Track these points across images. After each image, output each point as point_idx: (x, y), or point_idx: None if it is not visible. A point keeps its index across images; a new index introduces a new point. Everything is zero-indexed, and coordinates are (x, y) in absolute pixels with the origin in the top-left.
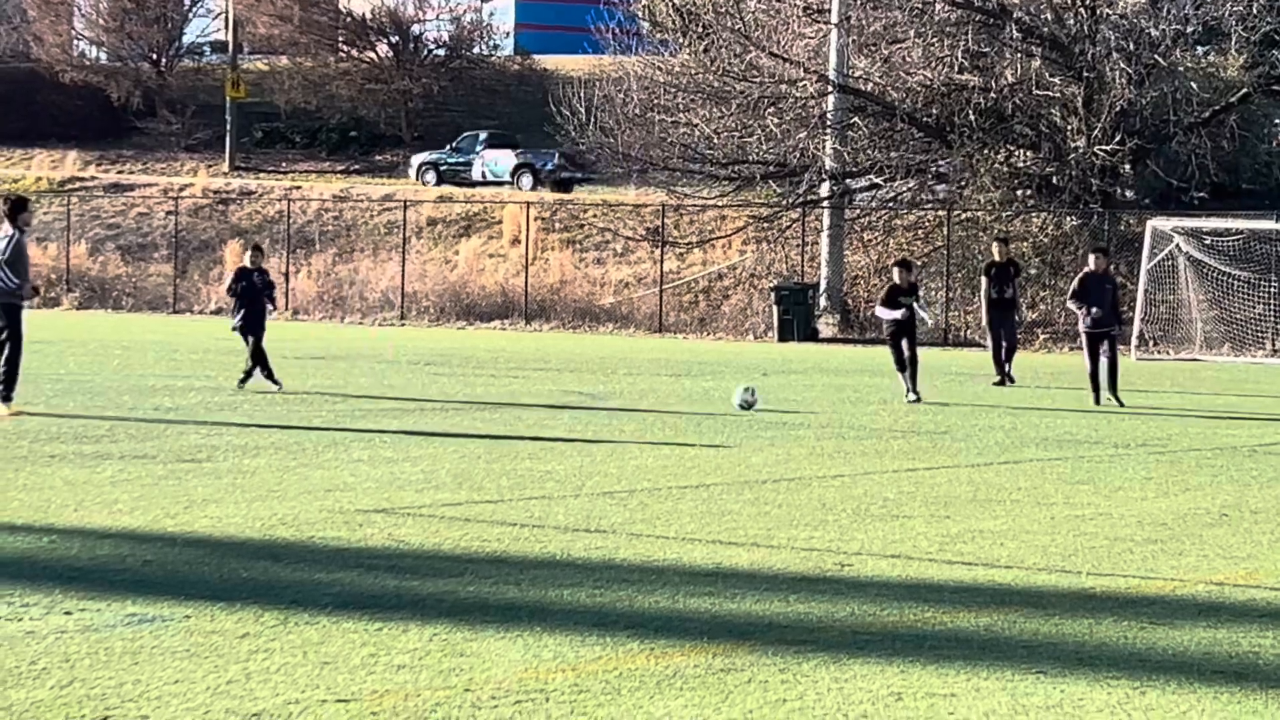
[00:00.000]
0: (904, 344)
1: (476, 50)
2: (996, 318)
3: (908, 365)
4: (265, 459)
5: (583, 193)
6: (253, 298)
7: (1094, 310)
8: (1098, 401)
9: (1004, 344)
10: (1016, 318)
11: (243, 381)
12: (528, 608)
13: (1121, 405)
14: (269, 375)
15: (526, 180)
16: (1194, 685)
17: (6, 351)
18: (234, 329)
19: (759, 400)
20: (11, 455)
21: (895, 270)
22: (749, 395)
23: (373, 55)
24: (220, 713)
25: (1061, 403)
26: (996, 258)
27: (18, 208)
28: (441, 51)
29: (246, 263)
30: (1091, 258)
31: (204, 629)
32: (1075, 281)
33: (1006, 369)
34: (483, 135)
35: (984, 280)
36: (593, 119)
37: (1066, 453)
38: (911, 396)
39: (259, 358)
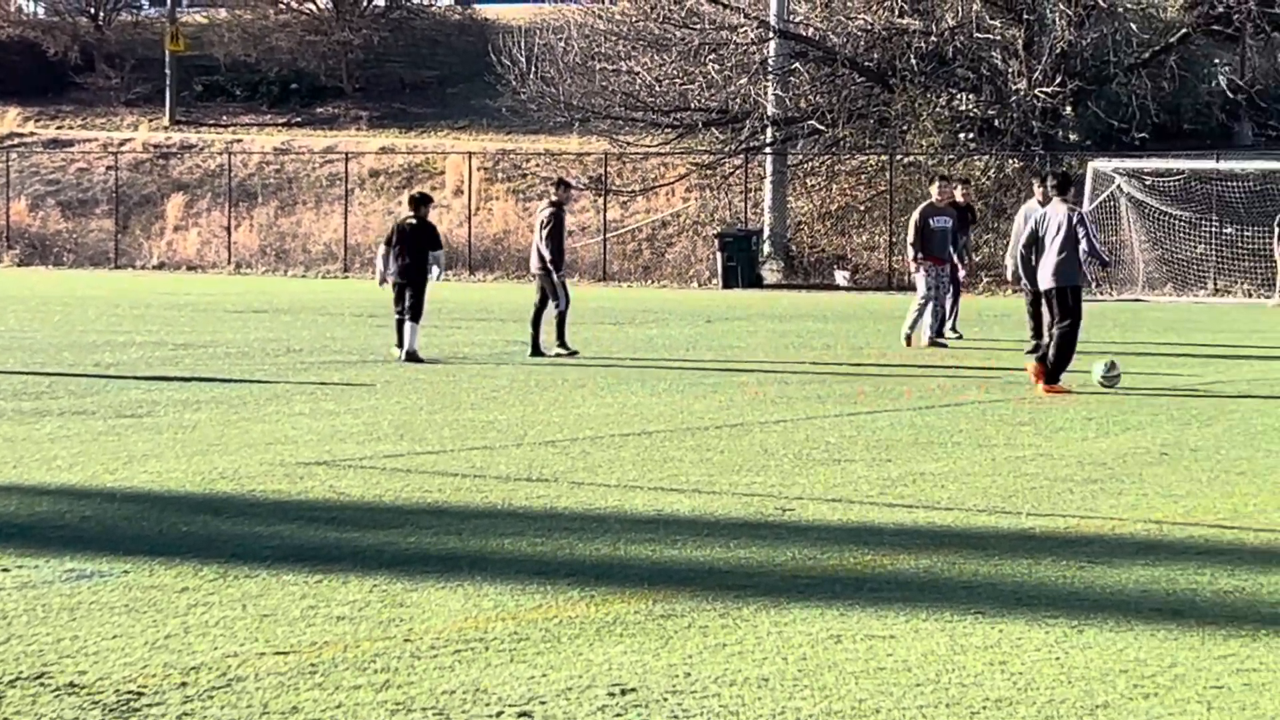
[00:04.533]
0: (406, 295)
1: (416, 0)
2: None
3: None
4: (206, 413)
5: (525, 141)
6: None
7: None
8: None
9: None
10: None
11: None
12: (468, 557)
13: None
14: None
15: None
16: (1131, 623)
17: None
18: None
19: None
20: None
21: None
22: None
23: (312, 6)
24: (158, 667)
25: (1005, 346)
26: (958, 199)
27: (1064, 186)
28: (381, 2)
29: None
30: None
31: (143, 584)
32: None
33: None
34: None
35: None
36: (534, 68)
37: (1008, 394)
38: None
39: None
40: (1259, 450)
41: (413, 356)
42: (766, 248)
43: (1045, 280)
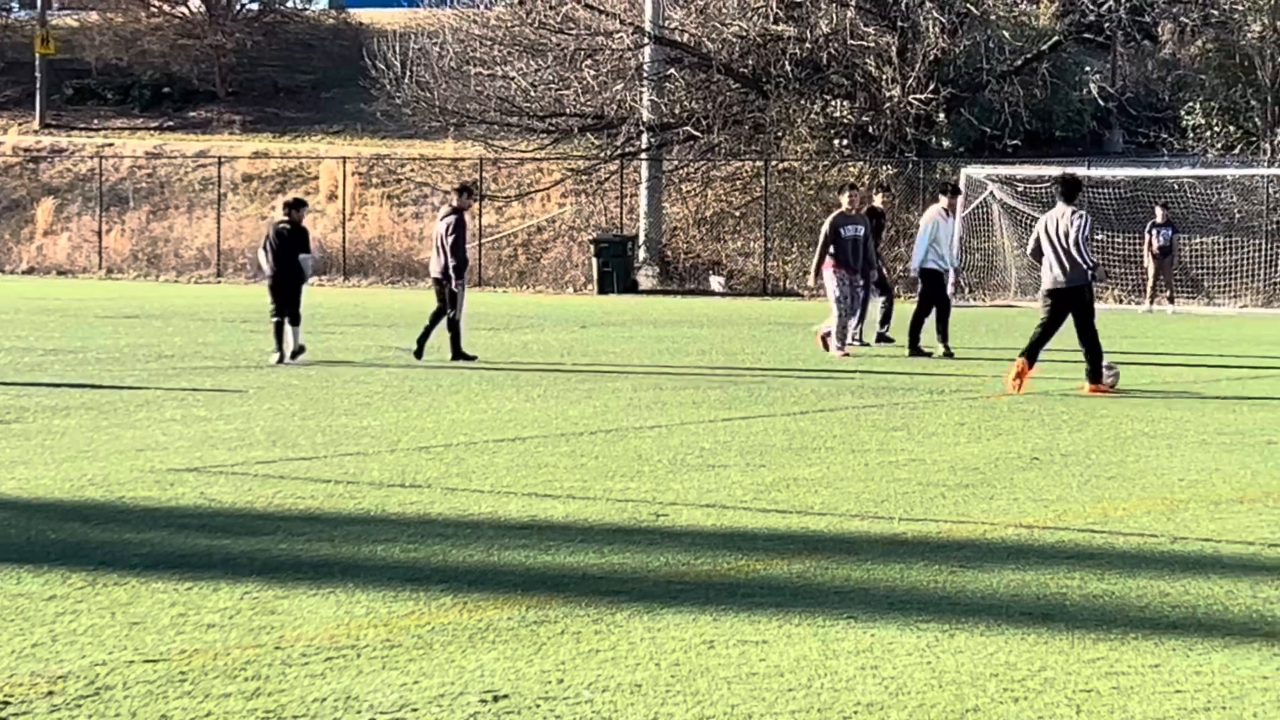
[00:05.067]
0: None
1: (290, 4)
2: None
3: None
4: (76, 419)
5: (400, 146)
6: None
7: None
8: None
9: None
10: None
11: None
12: (341, 564)
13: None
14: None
15: None
16: (1002, 627)
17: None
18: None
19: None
20: None
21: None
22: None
23: (184, 10)
24: (25, 676)
25: (877, 350)
26: (877, 205)
27: (1071, 192)
28: (255, 6)
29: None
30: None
31: (9, 592)
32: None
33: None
34: None
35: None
36: (408, 73)
37: (881, 400)
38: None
39: None
40: (1129, 455)
41: (300, 351)
42: (642, 253)
43: (1056, 281)
